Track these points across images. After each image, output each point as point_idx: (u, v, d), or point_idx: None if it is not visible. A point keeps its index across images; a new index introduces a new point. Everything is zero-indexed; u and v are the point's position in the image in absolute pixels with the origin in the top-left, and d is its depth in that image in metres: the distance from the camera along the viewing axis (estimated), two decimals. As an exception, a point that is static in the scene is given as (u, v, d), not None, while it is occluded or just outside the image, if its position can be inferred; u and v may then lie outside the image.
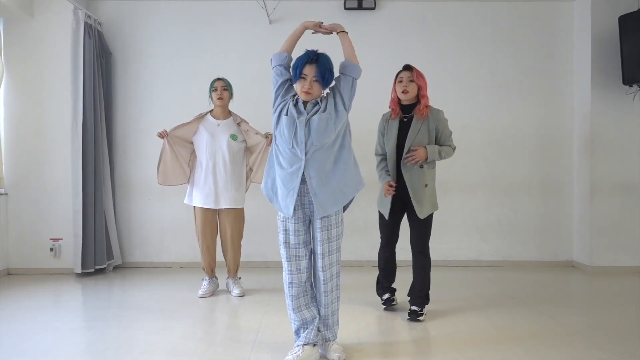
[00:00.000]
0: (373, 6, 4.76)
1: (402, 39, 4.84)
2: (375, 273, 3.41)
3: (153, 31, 4.82)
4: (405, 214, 3.16)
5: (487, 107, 4.87)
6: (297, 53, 2.48)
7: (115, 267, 4.72)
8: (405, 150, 3.03)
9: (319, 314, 2.47)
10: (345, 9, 4.76)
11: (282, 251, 2.46)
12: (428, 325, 2.99)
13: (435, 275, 4.30)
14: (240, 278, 3.83)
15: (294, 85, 2.43)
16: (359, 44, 4.72)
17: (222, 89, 3.65)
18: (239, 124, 3.71)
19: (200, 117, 3.71)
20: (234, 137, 3.62)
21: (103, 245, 4.49)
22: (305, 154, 2.33)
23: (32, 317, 3.18)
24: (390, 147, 3.09)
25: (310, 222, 2.47)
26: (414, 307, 3.07)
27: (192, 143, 3.70)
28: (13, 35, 4.56)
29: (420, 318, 3.03)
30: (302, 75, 2.37)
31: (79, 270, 4.36)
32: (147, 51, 4.82)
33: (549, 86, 4.87)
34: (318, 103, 2.42)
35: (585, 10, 4.63)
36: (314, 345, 2.41)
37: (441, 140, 3.11)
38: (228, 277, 3.82)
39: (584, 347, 2.60)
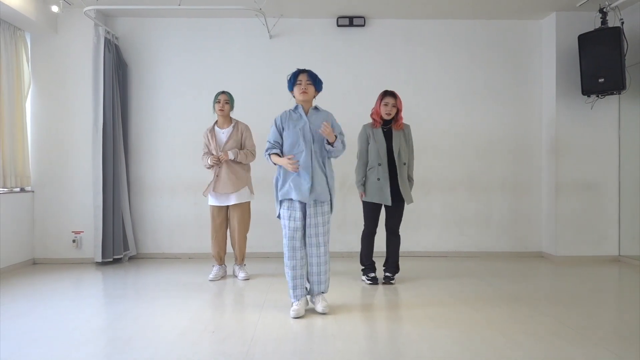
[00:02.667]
0: (363, 23, 5.29)
1: (389, 53, 5.36)
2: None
3: (164, 45, 5.31)
4: (383, 205, 3.98)
5: (465, 114, 5.39)
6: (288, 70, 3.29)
7: (131, 257, 5.19)
8: (396, 154, 3.89)
9: (310, 273, 3.19)
10: (338, 25, 5.28)
11: (285, 222, 3.16)
12: (402, 296, 3.54)
13: (417, 264, 4.88)
14: (245, 264, 4.33)
15: (293, 91, 3.13)
16: (350, 57, 5.36)
17: (224, 102, 4.15)
18: (239, 130, 4.21)
19: (210, 130, 4.22)
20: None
21: (120, 238, 4.97)
22: (311, 150, 3.08)
23: (58, 301, 3.52)
24: (383, 151, 3.88)
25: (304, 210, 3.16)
26: (388, 274, 4.02)
27: None
28: (39, 49, 5.04)
29: (392, 282, 3.99)
30: (298, 82, 3.08)
31: (99, 260, 4.83)
32: (159, 63, 5.31)
33: (520, 96, 5.40)
34: (318, 109, 3.17)
35: (551, 29, 5.20)
36: (304, 297, 3.22)
37: (408, 144, 3.99)
38: (235, 264, 4.32)
39: (523, 309, 3.14)
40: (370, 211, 3.99)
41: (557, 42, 5.12)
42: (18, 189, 4.84)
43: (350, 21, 5.27)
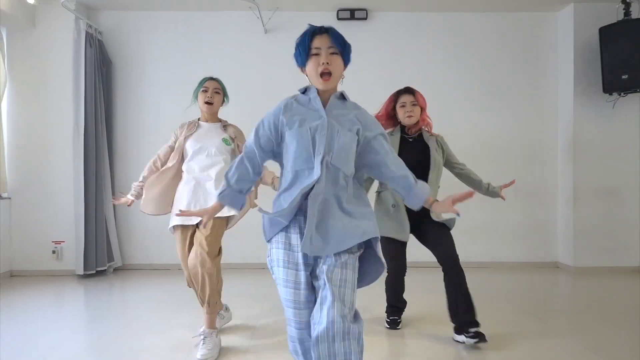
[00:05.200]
0: (365, 17, 4.93)
1: (393, 48, 5.00)
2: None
3: (152, 40, 4.96)
4: (416, 238, 2.95)
5: (475, 114, 5.03)
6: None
7: (116, 269, 4.85)
8: (432, 175, 2.91)
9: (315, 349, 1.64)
10: (338, 19, 4.91)
11: (282, 290, 1.75)
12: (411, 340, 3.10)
13: (424, 277, 4.30)
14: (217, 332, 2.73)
15: (306, 67, 1.78)
16: (351, 54, 4.93)
17: (213, 90, 2.85)
18: (225, 127, 2.93)
19: (191, 125, 2.92)
20: (226, 141, 2.86)
21: (104, 248, 4.63)
22: (329, 171, 1.70)
23: (35, 317, 3.27)
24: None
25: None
26: (475, 329, 2.64)
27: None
28: (16, 44, 4.69)
29: (486, 338, 2.62)
30: (314, 51, 1.75)
31: (81, 272, 4.49)
32: (146, 59, 4.96)
33: (534, 94, 5.04)
34: (344, 97, 1.86)
35: (568, 21, 4.82)
36: None
37: (453, 160, 3.13)
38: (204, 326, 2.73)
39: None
40: (390, 249, 2.81)
41: (575, 36, 4.75)
42: (-6, 196, 4.51)
43: (352, 14, 4.91)
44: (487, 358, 2.56)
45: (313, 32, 1.76)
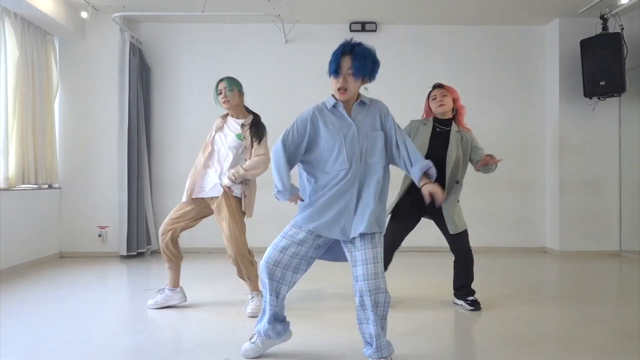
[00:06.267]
0: (375, 29, 5.54)
1: (400, 57, 5.62)
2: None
3: (185, 49, 5.56)
4: (435, 222, 3.25)
5: (472, 116, 5.52)
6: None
7: (153, 252, 5.43)
8: (449, 167, 3.07)
9: (364, 332, 2.14)
10: (351, 31, 5.53)
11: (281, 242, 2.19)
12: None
13: (426, 260, 4.90)
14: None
15: (331, 81, 2.15)
16: (362, 61, 5.51)
17: (225, 90, 3.14)
18: (244, 125, 3.14)
19: (222, 120, 3.25)
20: (239, 136, 3.11)
21: (143, 232, 5.21)
22: (359, 169, 2.13)
23: (83, 293, 3.61)
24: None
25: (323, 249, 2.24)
26: (471, 297, 3.18)
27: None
28: (67, 53, 5.29)
29: (480, 306, 3.12)
30: (338, 70, 2.11)
31: (124, 253, 5.06)
32: (180, 66, 5.56)
33: (525, 98, 5.65)
34: (364, 101, 2.21)
35: (554, 34, 5.44)
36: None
37: (476, 149, 3.28)
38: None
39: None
40: (394, 224, 3.17)
41: (560, 47, 5.36)
42: (46, 186, 5.07)
43: (363, 26, 5.52)
44: (486, 317, 3.10)
45: (342, 52, 2.11)
